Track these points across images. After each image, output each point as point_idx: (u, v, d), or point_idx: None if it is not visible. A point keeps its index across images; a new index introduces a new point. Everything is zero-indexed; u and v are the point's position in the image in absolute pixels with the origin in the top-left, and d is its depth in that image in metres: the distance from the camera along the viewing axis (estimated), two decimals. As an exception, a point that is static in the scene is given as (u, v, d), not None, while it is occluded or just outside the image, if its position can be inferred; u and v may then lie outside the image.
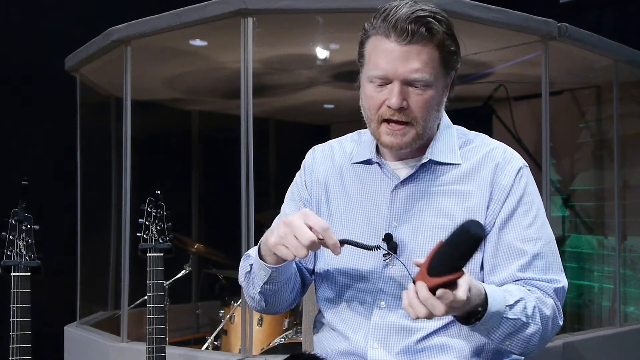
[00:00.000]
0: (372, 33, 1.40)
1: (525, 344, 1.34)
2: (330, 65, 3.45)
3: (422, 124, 1.40)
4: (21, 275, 1.92)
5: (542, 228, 1.43)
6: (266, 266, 1.40)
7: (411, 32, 1.34)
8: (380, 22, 1.38)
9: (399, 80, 1.36)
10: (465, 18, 2.56)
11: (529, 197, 1.44)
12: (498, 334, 1.31)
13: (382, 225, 1.46)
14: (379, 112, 1.40)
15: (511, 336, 1.32)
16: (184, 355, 2.72)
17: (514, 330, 1.32)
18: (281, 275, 1.43)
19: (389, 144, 1.41)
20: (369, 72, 1.41)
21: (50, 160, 3.65)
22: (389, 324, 1.43)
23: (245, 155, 2.58)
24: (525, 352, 1.36)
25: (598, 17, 3.95)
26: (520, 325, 1.32)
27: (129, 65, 2.92)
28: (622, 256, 3.60)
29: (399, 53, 1.35)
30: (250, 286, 1.50)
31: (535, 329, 1.34)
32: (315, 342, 1.59)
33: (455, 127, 1.54)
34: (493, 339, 1.33)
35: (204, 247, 3.77)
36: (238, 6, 2.53)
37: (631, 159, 3.66)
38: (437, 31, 1.36)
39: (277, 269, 1.40)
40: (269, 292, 1.47)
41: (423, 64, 1.36)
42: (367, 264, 1.46)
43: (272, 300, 1.50)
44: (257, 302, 1.52)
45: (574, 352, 2.94)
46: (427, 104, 1.39)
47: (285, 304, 1.54)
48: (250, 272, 1.48)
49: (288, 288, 1.50)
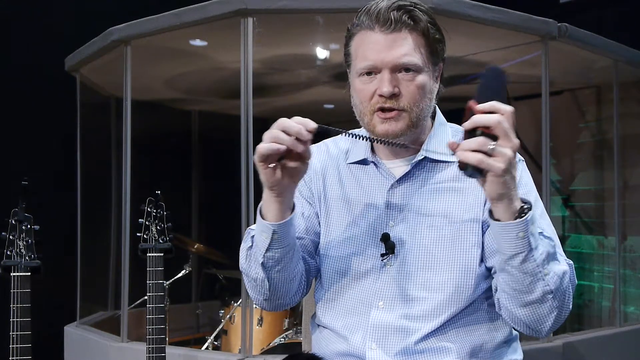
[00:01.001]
0: (356, 30, 1.42)
1: (559, 281, 1.27)
2: (330, 65, 3.45)
3: (415, 111, 1.40)
4: (21, 275, 1.92)
5: (541, 219, 1.41)
6: (268, 225, 1.36)
7: (394, 20, 1.36)
8: (363, 18, 1.40)
9: (388, 67, 1.37)
10: (465, 18, 2.56)
11: (525, 187, 1.43)
12: (540, 251, 1.25)
13: (380, 225, 1.46)
14: (371, 102, 1.40)
15: (548, 261, 1.26)
16: (184, 355, 2.72)
17: (550, 254, 1.27)
18: (284, 237, 1.38)
19: (384, 131, 1.40)
20: (357, 66, 1.41)
21: (50, 160, 3.65)
22: (387, 324, 1.42)
23: (245, 155, 2.58)
24: (556, 293, 1.28)
25: (598, 17, 3.95)
26: (552, 249, 1.28)
27: (129, 65, 2.92)
28: (622, 256, 3.60)
29: (385, 41, 1.37)
30: (251, 263, 1.44)
31: (564, 269, 1.29)
32: (314, 344, 1.58)
33: (449, 125, 1.54)
34: (536, 259, 1.25)
35: (204, 247, 3.77)
36: (238, 6, 2.53)
37: (631, 159, 3.66)
38: (420, 19, 1.38)
39: (280, 227, 1.36)
40: (271, 264, 1.40)
41: (410, 49, 1.37)
42: (364, 264, 1.46)
43: (276, 278, 1.43)
44: (260, 284, 1.44)
45: (574, 352, 2.94)
46: (418, 90, 1.39)
47: (288, 287, 1.47)
48: (252, 246, 1.44)
49: (292, 261, 1.43)
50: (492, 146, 1.16)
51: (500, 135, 1.17)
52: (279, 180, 1.32)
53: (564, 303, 1.31)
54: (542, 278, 1.26)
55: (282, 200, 1.36)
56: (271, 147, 1.28)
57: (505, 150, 1.17)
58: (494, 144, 1.16)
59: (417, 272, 1.42)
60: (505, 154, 1.17)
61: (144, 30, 2.82)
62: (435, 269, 1.41)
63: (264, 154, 1.29)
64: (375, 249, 1.45)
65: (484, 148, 1.16)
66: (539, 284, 1.27)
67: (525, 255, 1.25)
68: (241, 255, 1.50)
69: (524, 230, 1.22)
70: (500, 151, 1.17)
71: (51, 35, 3.60)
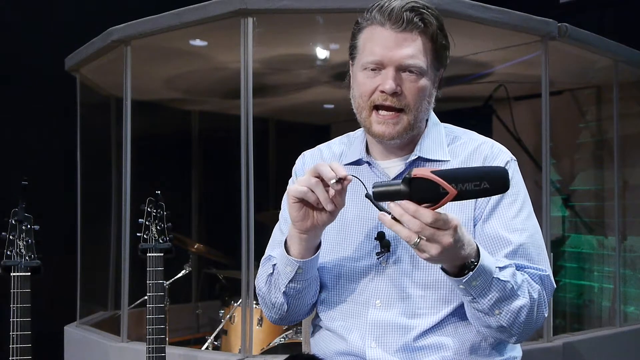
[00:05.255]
0: (367, 24, 1.43)
1: (514, 317, 1.31)
2: (330, 65, 3.45)
3: (414, 113, 1.41)
4: (21, 275, 1.92)
5: (527, 220, 1.44)
6: (294, 260, 1.39)
7: (406, 19, 1.37)
8: (375, 13, 1.40)
9: (394, 65, 1.38)
10: (465, 18, 2.56)
11: (514, 189, 1.44)
12: (488, 298, 1.28)
13: (375, 224, 1.47)
14: (371, 98, 1.41)
15: (500, 303, 1.29)
16: (184, 355, 2.72)
17: (504, 296, 1.29)
18: (307, 272, 1.42)
19: (380, 133, 1.41)
20: (363, 59, 1.42)
21: (50, 160, 3.65)
22: (385, 322, 1.43)
23: (245, 155, 2.58)
24: (512, 327, 1.33)
25: (598, 17, 3.95)
26: (510, 292, 1.29)
27: (129, 65, 2.92)
28: (622, 256, 3.60)
29: (394, 39, 1.38)
30: (273, 289, 1.49)
31: (524, 302, 1.32)
32: (313, 345, 1.59)
33: (443, 125, 1.55)
34: (483, 305, 1.29)
35: (204, 247, 3.77)
36: (238, 6, 2.53)
37: (631, 159, 3.65)
38: (431, 23, 1.39)
39: (304, 264, 1.40)
40: (293, 293, 1.46)
41: (417, 51, 1.38)
42: (360, 263, 1.47)
43: (295, 303, 1.49)
44: (278, 307, 1.50)
45: (574, 352, 2.94)
46: (420, 92, 1.40)
47: (305, 309, 1.53)
48: (273, 273, 1.48)
49: (312, 289, 1.48)
50: (417, 240, 1.18)
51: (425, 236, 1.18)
52: (303, 217, 1.35)
53: (524, 330, 1.35)
54: (494, 315, 1.31)
55: (306, 238, 1.38)
56: (304, 192, 1.31)
57: (430, 247, 1.19)
58: (417, 240, 1.18)
59: (413, 270, 1.43)
60: (429, 250, 1.19)
61: (144, 30, 2.82)
62: (430, 267, 1.42)
63: (297, 197, 1.32)
64: (371, 248, 1.46)
65: (412, 237, 1.18)
66: (492, 319, 1.32)
67: (470, 299, 1.30)
68: (260, 280, 1.54)
69: (465, 285, 1.26)
70: (423, 246, 1.19)
71: (51, 35, 3.59)
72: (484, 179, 1.15)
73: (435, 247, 1.18)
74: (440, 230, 1.17)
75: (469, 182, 1.14)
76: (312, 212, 1.35)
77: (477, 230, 1.43)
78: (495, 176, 1.16)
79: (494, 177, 1.15)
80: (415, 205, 1.16)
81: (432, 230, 1.17)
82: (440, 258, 1.21)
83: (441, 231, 1.17)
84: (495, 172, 1.17)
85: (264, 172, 4.80)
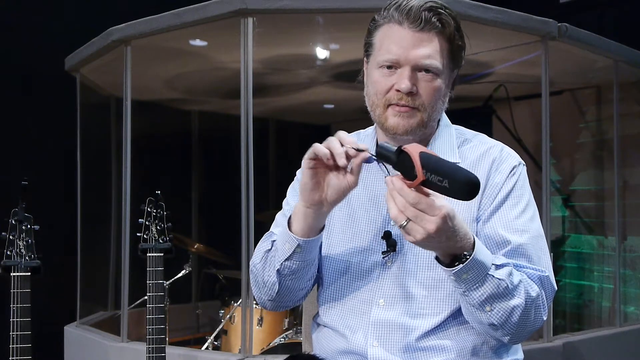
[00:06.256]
0: (384, 22, 1.42)
1: (506, 316, 1.30)
2: (330, 65, 3.45)
3: (428, 111, 1.41)
4: (21, 275, 1.92)
5: (530, 222, 1.43)
6: (294, 237, 1.38)
7: (425, 19, 1.37)
8: (392, 11, 1.40)
9: (410, 65, 1.38)
10: (465, 18, 2.56)
11: (518, 191, 1.44)
12: (480, 293, 1.27)
13: (382, 223, 1.47)
14: (387, 96, 1.41)
15: (492, 300, 1.28)
16: (184, 355, 2.72)
17: (497, 293, 1.27)
18: (306, 252, 1.40)
19: (395, 125, 1.41)
20: (379, 57, 1.41)
21: (50, 160, 3.65)
22: (388, 321, 1.43)
23: (245, 155, 2.58)
24: (503, 326, 1.31)
25: (598, 17, 3.95)
26: (504, 290, 1.28)
27: (129, 65, 2.92)
28: (622, 256, 3.60)
29: (411, 38, 1.38)
30: (267, 266, 1.46)
31: (518, 302, 1.30)
32: (315, 342, 1.58)
33: (454, 127, 1.55)
34: (473, 299, 1.28)
35: (204, 247, 3.77)
36: (238, 6, 2.53)
37: (631, 159, 3.65)
38: (449, 24, 1.39)
39: (305, 243, 1.38)
40: (287, 272, 1.43)
41: (434, 51, 1.38)
42: (366, 262, 1.47)
43: (287, 285, 1.46)
44: (269, 286, 1.47)
45: (574, 352, 2.94)
46: (435, 92, 1.40)
47: (295, 296, 1.50)
48: (271, 250, 1.46)
49: (307, 274, 1.46)
50: (404, 223, 1.18)
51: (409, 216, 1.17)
52: (314, 187, 1.33)
53: (517, 330, 1.33)
54: (484, 311, 1.30)
55: (312, 214, 1.36)
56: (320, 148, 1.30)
57: (414, 231, 1.18)
58: (404, 223, 1.18)
59: (417, 270, 1.43)
60: (416, 231, 1.18)
61: (144, 30, 2.82)
62: (435, 267, 1.41)
63: (313, 156, 1.31)
64: (377, 246, 1.46)
65: (399, 217, 1.18)
66: (483, 315, 1.31)
67: (462, 291, 1.29)
68: (256, 256, 1.51)
69: (455, 277, 1.25)
70: (409, 229, 1.18)
71: (51, 35, 3.59)
72: (447, 179, 1.13)
73: (419, 231, 1.17)
74: (425, 214, 1.16)
75: (435, 175, 1.14)
76: (323, 184, 1.33)
77: (479, 229, 1.43)
78: (458, 180, 1.13)
79: (456, 181, 1.13)
80: (401, 183, 1.17)
81: (414, 211, 1.16)
82: (427, 244, 1.21)
83: (426, 215, 1.16)
84: (463, 177, 1.13)
85: (264, 172, 4.80)
